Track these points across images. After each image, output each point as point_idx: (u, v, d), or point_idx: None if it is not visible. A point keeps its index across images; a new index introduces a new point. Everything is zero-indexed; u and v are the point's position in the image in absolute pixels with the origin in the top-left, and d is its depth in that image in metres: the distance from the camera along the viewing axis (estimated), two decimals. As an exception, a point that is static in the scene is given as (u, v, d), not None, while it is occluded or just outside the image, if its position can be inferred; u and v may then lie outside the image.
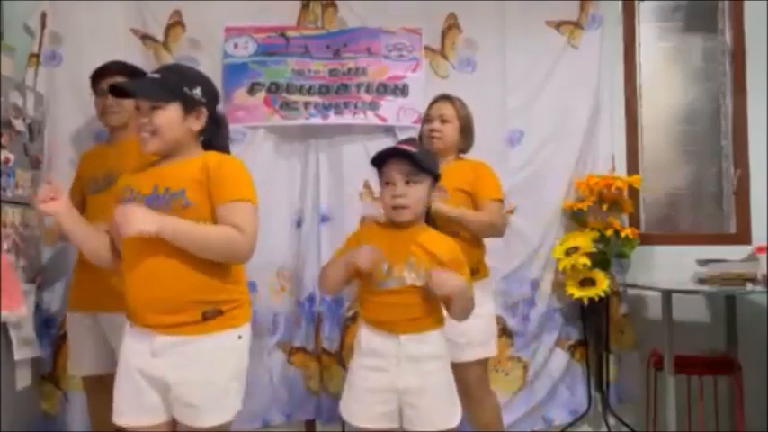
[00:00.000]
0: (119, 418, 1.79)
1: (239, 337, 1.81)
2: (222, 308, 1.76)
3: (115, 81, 2.48)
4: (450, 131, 2.58)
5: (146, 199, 1.75)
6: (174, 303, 1.73)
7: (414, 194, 1.93)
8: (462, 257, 1.97)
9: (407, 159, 1.91)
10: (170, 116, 1.78)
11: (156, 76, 1.82)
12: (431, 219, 2.04)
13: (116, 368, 2.45)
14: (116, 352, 2.40)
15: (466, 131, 2.61)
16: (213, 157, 1.82)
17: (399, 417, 1.91)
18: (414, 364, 1.89)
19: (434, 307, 1.95)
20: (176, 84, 1.80)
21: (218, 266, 1.76)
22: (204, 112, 1.84)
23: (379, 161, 1.97)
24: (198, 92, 1.82)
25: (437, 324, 1.96)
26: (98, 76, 2.57)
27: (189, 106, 1.81)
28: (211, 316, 1.75)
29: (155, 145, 1.80)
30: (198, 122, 1.83)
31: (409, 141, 2.08)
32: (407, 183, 1.92)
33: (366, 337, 1.95)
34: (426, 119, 2.65)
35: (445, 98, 2.64)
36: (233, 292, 1.80)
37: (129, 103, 2.55)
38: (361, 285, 1.99)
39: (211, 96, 1.87)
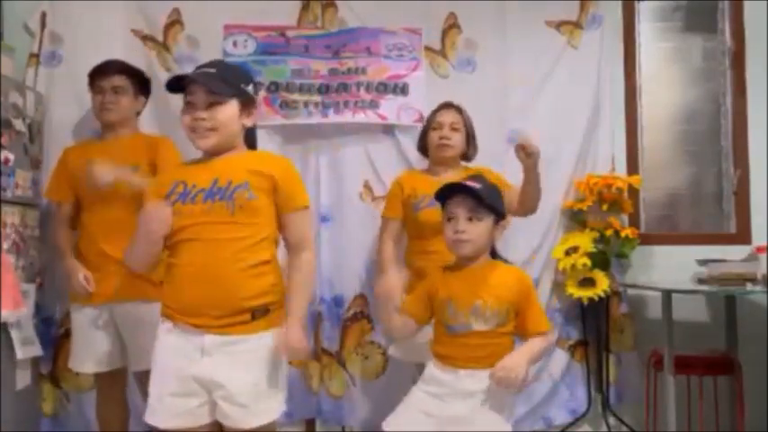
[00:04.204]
0: (152, 418, 1.78)
1: (280, 336, 1.83)
2: (269, 307, 1.80)
3: (115, 80, 2.55)
4: (459, 139, 2.63)
5: (205, 193, 1.77)
6: (233, 307, 1.75)
7: (475, 230, 1.94)
8: (530, 287, 2.00)
9: (471, 195, 1.93)
10: (230, 112, 1.80)
11: (212, 70, 1.81)
12: (494, 253, 2.06)
13: (125, 363, 2.48)
14: (129, 345, 2.43)
15: (471, 139, 2.67)
16: (273, 159, 1.89)
17: None
18: (467, 399, 1.91)
19: (500, 350, 1.95)
20: (235, 79, 1.82)
21: (270, 270, 1.81)
22: (255, 109, 1.88)
23: (443, 196, 1.99)
24: (251, 89, 1.87)
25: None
26: (97, 73, 2.59)
27: (244, 103, 1.84)
28: (260, 315, 1.78)
29: (212, 141, 1.80)
30: (250, 119, 1.87)
31: (475, 178, 2.07)
32: (470, 219, 1.94)
33: (430, 367, 2.00)
34: (433, 126, 2.66)
35: (451, 106, 2.68)
36: (277, 293, 1.83)
37: (126, 101, 2.58)
38: (435, 322, 2.02)
39: (257, 93, 1.92)
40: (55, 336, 2.90)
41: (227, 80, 1.80)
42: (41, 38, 2.99)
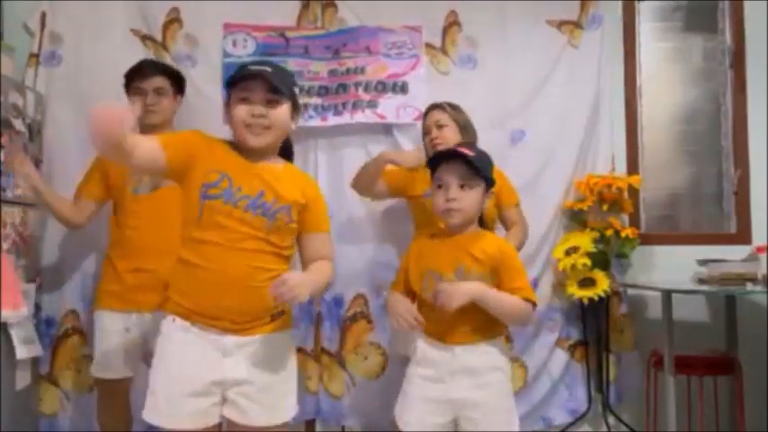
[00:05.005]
0: (156, 417, 1.73)
1: (291, 338, 1.86)
2: (285, 310, 1.81)
3: (156, 81, 2.53)
4: (450, 134, 2.63)
5: (249, 201, 1.71)
6: (255, 314, 1.75)
7: (467, 199, 1.89)
8: (513, 259, 1.94)
9: (463, 162, 1.87)
10: (286, 113, 1.76)
11: (268, 69, 1.73)
12: (483, 221, 2.01)
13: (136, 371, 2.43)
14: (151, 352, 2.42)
15: (466, 129, 2.67)
16: (309, 181, 1.88)
17: (455, 428, 1.90)
18: (469, 377, 1.87)
19: (491, 320, 1.90)
20: (290, 81, 1.78)
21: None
22: (300, 115, 1.83)
23: (434, 163, 1.94)
24: (298, 92, 1.82)
25: (496, 335, 1.93)
26: (137, 75, 2.55)
27: (294, 106, 1.80)
28: (277, 317, 1.79)
29: (266, 139, 1.74)
30: (295, 124, 1.82)
31: (468, 145, 2.01)
32: (461, 187, 1.88)
33: (421, 346, 1.94)
34: (424, 131, 2.70)
35: (434, 106, 2.71)
36: None
37: (167, 102, 2.56)
38: (417, 297, 1.98)
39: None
40: (55, 336, 2.89)
41: (283, 80, 1.74)
42: (41, 38, 2.98)
